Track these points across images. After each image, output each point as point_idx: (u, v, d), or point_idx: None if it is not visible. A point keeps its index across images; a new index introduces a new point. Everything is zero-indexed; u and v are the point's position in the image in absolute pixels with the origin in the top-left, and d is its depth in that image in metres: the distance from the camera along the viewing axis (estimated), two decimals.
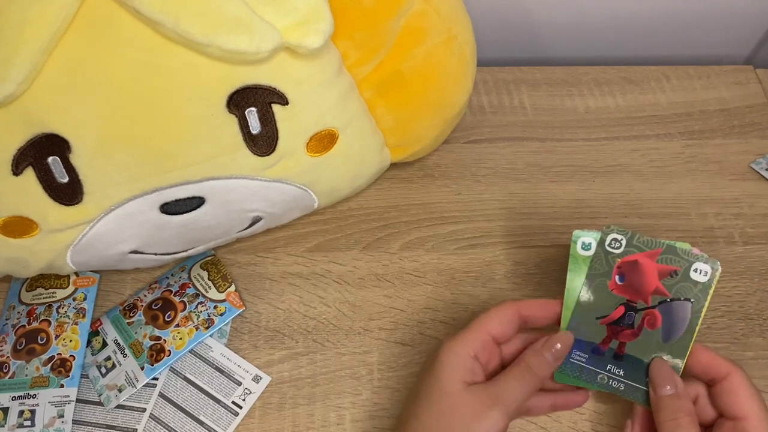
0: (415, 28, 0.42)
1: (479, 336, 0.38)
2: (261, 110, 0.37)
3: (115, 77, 0.34)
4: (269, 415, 0.43)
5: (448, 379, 0.36)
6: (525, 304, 0.39)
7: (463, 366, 0.37)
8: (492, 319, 0.38)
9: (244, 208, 0.42)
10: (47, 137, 0.34)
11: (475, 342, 0.37)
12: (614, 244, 0.38)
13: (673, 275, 0.37)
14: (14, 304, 0.47)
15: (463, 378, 0.36)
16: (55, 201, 0.37)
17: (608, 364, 0.39)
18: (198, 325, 0.45)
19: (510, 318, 0.38)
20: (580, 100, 0.60)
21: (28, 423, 0.42)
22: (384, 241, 0.51)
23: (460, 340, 0.37)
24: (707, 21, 0.65)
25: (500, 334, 0.38)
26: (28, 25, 0.31)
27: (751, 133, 0.57)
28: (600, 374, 0.39)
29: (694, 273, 0.37)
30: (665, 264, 0.38)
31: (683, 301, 0.37)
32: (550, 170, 0.55)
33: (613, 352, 0.39)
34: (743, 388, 0.36)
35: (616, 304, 0.38)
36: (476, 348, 0.37)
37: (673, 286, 0.38)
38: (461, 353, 0.37)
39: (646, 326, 0.38)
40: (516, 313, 0.38)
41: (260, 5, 0.34)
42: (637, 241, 0.38)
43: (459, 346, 0.37)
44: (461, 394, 0.36)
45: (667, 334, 0.38)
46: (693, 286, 0.37)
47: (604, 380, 0.39)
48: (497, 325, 0.38)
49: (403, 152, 0.49)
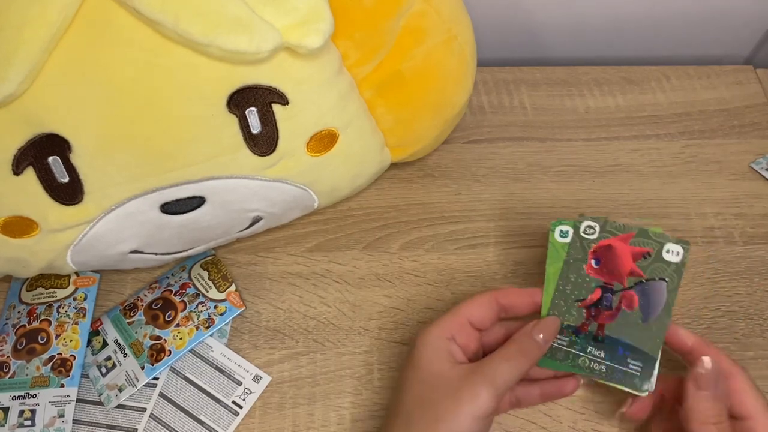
0: (415, 28, 0.42)
1: (456, 319, 0.38)
2: (261, 110, 0.37)
3: (115, 77, 0.34)
4: (269, 415, 0.43)
5: (426, 362, 0.36)
6: (504, 293, 0.39)
7: (440, 348, 0.37)
8: (469, 305, 0.39)
9: (245, 208, 0.42)
10: (47, 137, 0.34)
11: (451, 324, 0.38)
12: (588, 231, 0.40)
13: (647, 257, 0.39)
14: (14, 303, 0.47)
15: (443, 358, 0.36)
16: (55, 201, 0.37)
17: (588, 347, 0.40)
18: (198, 324, 0.45)
19: (487, 303, 0.39)
20: (580, 100, 0.60)
21: (29, 423, 0.42)
22: (384, 241, 0.51)
23: (436, 324, 0.38)
24: (707, 21, 0.65)
25: (478, 320, 0.38)
26: (28, 25, 0.31)
27: (751, 133, 0.57)
28: (581, 357, 0.40)
29: (666, 254, 0.39)
30: (638, 246, 0.39)
31: (658, 281, 0.39)
32: (550, 170, 0.55)
33: (593, 334, 0.40)
34: (748, 388, 0.36)
35: (594, 287, 0.40)
36: (452, 330, 0.38)
37: (647, 267, 0.39)
38: (437, 335, 0.37)
39: (624, 307, 0.39)
40: (493, 300, 0.39)
41: (260, 5, 0.34)
42: (610, 226, 0.40)
43: (435, 329, 0.38)
44: (445, 375, 0.36)
45: (645, 314, 0.39)
46: (666, 266, 0.39)
47: (586, 363, 0.39)
48: (474, 310, 0.38)
49: (403, 152, 0.49)
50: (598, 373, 0.39)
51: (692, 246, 0.50)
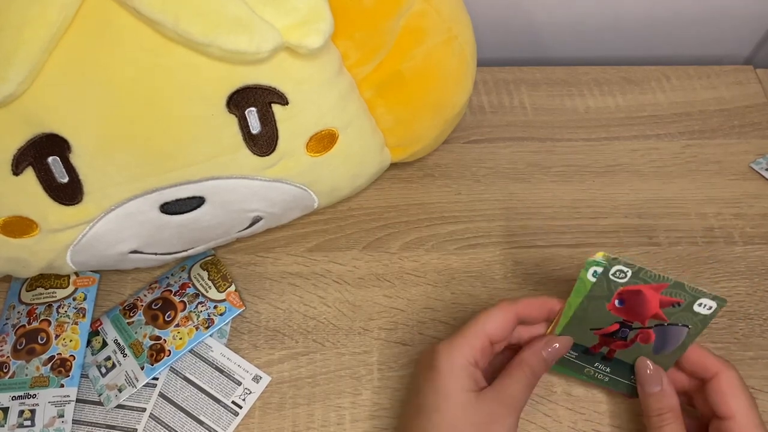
0: (415, 28, 0.42)
1: (479, 342, 0.37)
2: (261, 110, 0.37)
3: (115, 77, 0.34)
4: (269, 415, 0.43)
5: (453, 388, 0.36)
6: (523, 305, 0.39)
7: (465, 374, 0.36)
8: (490, 323, 0.38)
9: (244, 208, 0.42)
10: (47, 137, 0.34)
11: (475, 348, 0.37)
12: (619, 275, 0.37)
13: (675, 306, 0.37)
14: (14, 303, 0.47)
15: (466, 387, 0.36)
16: (55, 201, 0.37)
17: (596, 362, 0.41)
18: (198, 324, 0.45)
19: (509, 320, 0.38)
20: (580, 100, 0.60)
21: (28, 423, 0.42)
22: (384, 241, 0.51)
23: (459, 347, 0.37)
24: (707, 21, 0.65)
25: (498, 338, 0.38)
26: (28, 25, 0.31)
27: (751, 133, 0.57)
28: (588, 368, 0.41)
29: (697, 306, 0.37)
30: (670, 296, 0.37)
31: (680, 327, 0.37)
32: (550, 170, 0.55)
33: (603, 354, 0.40)
34: (731, 387, 0.36)
35: (612, 322, 0.39)
36: (476, 355, 0.37)
37: (672, 314, 0.37)
38: (462, 363, 0.36)
39: (639, 341, 0.39)
40: (514, 315, 0.38)
41: (260, 5, 0.34)
42: (644, 275, 0.36)
43: (459, 355, 0.36)
44: (472, 404, 0.35)
45: (658, 349, 0.39)
46: (693, 315, 0.37)
47: (591, 372, 0.41)
48: (495, 328, 0.38)
49: (403, 152, 0.49)
50: (601, 382, 0.41)
51: (692, 246, 0.50)
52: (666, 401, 0.38)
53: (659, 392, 0.38)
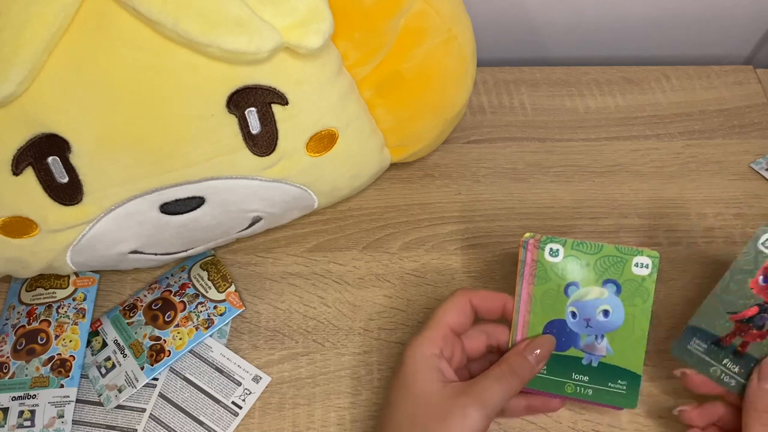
0: (415, 28, 0.42)
1: (439, 331, 0.38)
2: (261, 110, 0.37)
3: (114, 77, 0.34)
4: (269, 416, 0.43)
5: (419, 381, 0.36)
6: (476, 294, 0.39)
7: (430, 365, 0.36)
8: (448, 312, 0.38)
9: (244, 208, 0.42)
10: (47, 137, 0.34)
11: (437, 339, 0.37)
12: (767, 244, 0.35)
13: None
14: (14, 304, 0.47)
15: (433, 377, 0.36)
16: (55, 201, 0.37)
17: (725, 359, 0.38)
18: (198, 325, 0.45)
19: (464, 307, 0.39)
20: (580, 100, 0.60)
21: (28, 423, 0.42)
22: (384, 241, 0.51)
23: (423, 339, 0.37)
24: (707, 21, 0.65)
25: (458, 325, 0.38)
26: (28, 25, 0.31)
27: (751, 133, 0.57)
28: (714, 366, 0.38)
29: None
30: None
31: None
32: (550, 170, 0.55)
33: (735, 348, 0.38)
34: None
35: (752, 303, 0.37)
36: (439, 344, 0.37)
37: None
38: (426, 353, 0.37)
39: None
40: (467, 302, 0.39)
41: (260, 5, 0.34)
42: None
43: (423, 346, 0.37)
44: (436, 395, 0.35)
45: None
46: None
47: (717, 372, 0.38)
48: (454, 317, 0.38)
49: (403, 152, 0.49)
50: (727, 385, 0.38)
51: (692, 246, 0.50)
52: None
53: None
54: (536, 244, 0.39)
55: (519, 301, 0.39)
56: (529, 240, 0.39)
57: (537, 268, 0.38)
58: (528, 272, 0.39)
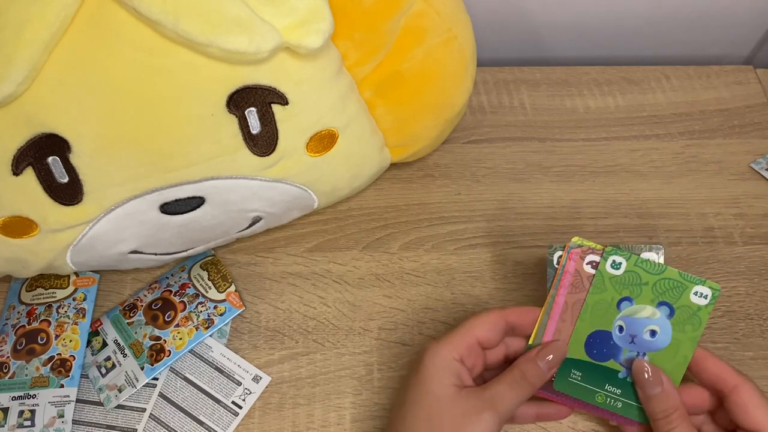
0: (415, 28, 0.42)
1: (465, 340, 0.37)
2: (261, 110, 0.37)
3: (115, 77, 0.34)
4: (269, 415, 0.43)
5: (436, 383, 0.36)
6: (511, 312, 0.39)
7: (449, 369, 0.36)
8: (479, 324, 0.38)
9: (244, 208, 0.42)
10: (47, 137, 0.34)
11: (461, 346, 0.37)
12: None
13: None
14: (14, 304, 0.47)
15: (450, 382, 0.36)
16: (55, 201, 0.37)
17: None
18: (198, 325, 0.45)
19: (497, 324, 0.38)
20: (580, 100, 0.60)
21: (28, 423, 0.42)
22: (384, 241, 0.51)
23: (446, 343, 0.37)
24: (707, 21, 0.65)
25: (486, 340, 0.38)
26: (28, 25, 0.31)
27: (751, 133, 0.57)
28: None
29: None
30: None
31: None
32: (550, 170, 0.55)
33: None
34: (753, 399, 0.36)
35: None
36: (462, 352, 0.37)
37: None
38: (447, 356, 0.37)
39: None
40: (502, 320, 0.38)
41: (260, 5, 0.34)
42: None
43: (445, 349, 0.37)
44: (451, 398, 0.35)
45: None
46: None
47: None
48: (484, 331, 0.38)
49: (403, 152, 0.49)
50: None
51: (692, 246, 0.50)
52: (670, 401, 0.37)
53: (661, 393, 0.37)
54: (582, 254, 0.38)
55: (551, 304, 0.39)
56: (573, 248, 0.38)
57: (595, 278, 0.38)
58: (567, 281, 0.39)
